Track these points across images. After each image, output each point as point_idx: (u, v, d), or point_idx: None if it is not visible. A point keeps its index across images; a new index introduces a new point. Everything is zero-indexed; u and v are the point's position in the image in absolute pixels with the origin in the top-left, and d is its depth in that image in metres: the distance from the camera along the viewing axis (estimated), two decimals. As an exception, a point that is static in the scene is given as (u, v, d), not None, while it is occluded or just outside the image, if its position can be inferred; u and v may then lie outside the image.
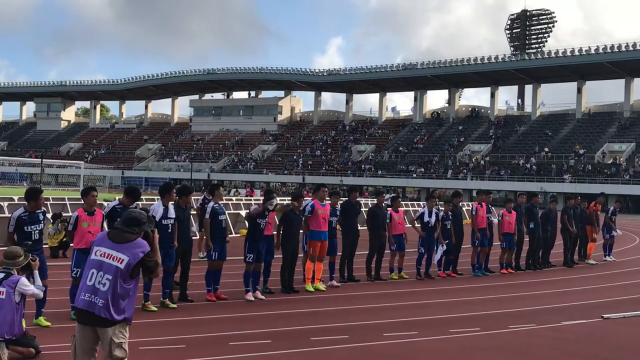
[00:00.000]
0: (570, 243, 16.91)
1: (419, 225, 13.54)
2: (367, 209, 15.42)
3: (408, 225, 13.88)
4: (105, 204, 10.97)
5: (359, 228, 13.48)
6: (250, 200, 34.82)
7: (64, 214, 16.50)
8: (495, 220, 14.87)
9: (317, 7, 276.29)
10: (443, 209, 14.08)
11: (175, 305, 9.43)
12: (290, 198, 12.30)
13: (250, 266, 10.32)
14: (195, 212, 14.08)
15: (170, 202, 9.60)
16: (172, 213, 9.44)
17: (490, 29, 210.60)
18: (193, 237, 11.95)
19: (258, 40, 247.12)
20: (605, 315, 9.76)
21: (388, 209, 13.54)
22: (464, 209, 28.88)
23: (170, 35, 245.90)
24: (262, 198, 11.25)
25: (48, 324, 7.94)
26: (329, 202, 11.96)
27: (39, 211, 8.30)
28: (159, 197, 9.69)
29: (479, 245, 14.38)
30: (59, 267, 13.18)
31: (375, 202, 13.94)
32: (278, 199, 10.74)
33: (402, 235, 13.22)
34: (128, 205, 9.09)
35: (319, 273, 11.59)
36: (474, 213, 14.45)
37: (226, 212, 10.57)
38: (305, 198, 12.38)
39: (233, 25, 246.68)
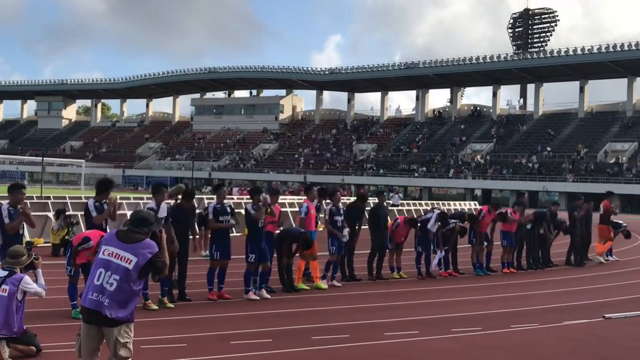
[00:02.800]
0: (578, 243, 16.79)
1: (419, 224, 13.56)
2: (368, 209, 15.40)
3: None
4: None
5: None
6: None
7: (67, 211, 16.48)
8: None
9: (313, 4, 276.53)
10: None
11: (172, 305, 9.40)
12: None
13: (252, 266, 10.30)
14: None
15: (164, 202, 9.59)
16: (162, 212, 9.31)
17: (489, 25, 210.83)
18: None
19: (254, 37, 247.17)
20: (607, 315, 9.73)
21: (401, 217, 13.71)
22: (465, 208, 28.88)
23: (165, 31, 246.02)
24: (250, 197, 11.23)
25: None
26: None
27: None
28: (152, 197, 9.69)
29: (477, 244, 14.36)
30: (60, 266, 13.15)
31: (377, 201, 13.96)
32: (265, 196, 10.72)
33: (400, 243, 13.35)
34: (100, 200, 9.03)
35: (316, 271, 11.60)
36: (480, 218, 14.43)
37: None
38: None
39: (228, 21, 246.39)
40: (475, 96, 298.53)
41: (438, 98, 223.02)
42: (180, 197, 10.23)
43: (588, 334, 8.68)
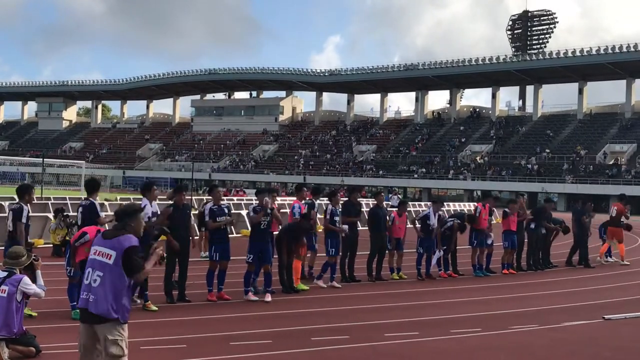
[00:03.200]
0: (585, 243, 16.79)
1: (419, 225, 13.55)
2: (367, 210, 15.40)
3: (409, 225, 13.85)
4: (106, 203, 10.98)
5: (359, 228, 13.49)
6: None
7: (66, 212, 16.48)
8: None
9: (311, 4, 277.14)
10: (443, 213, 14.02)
11: (156, 308, 9.22)
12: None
13: (251, 266, 10.31)
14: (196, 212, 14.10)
15: (154, 201, 9.72)
16: (148, 210, 9.42)
17: (488, 26, 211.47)
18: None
19: (252, 37, 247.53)
20: (607, 316, 9.74)
21: (392, 210, 13.61)
22: (465, 209, 28.88)
23: (162, 31, 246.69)
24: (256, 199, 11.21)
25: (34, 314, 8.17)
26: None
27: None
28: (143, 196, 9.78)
29: (477, 246, 14.35)
30: (60, 267, 13.14)
31: (375, 202, 13.95)
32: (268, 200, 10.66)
33: (400, 238, 13.27)
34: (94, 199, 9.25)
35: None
36: (477, 214, 14.42)
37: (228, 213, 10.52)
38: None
39: (226, 22, 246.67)
40: (474, 97, 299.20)
41: (437, 99, 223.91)
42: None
43: (588, 335, 8.69)
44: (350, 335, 8.04)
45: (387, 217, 13.32)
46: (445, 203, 16.99)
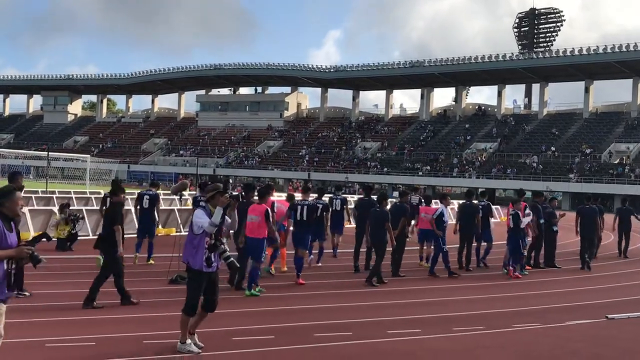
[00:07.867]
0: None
1: (436, 224, 13.56)
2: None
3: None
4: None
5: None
6: None
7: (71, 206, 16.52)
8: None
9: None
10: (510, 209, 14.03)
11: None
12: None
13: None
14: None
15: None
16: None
17: (486, 18, 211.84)
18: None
19: (246, 31, 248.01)
20: (610, 316, 9.73)
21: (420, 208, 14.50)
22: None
23: (153, 24, 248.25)
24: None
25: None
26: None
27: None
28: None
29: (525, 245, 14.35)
30: (67, 260, 13.22)
31: (400, 200, 13.95)
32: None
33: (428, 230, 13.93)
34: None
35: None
36: (536, 212, 14.37)
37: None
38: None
39: (219, 15, 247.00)
40: (478, 94, 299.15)
41: (443, 97, 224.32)
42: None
43: (590, 334, 8.68)
44: (352, 332, 8.05)
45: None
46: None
